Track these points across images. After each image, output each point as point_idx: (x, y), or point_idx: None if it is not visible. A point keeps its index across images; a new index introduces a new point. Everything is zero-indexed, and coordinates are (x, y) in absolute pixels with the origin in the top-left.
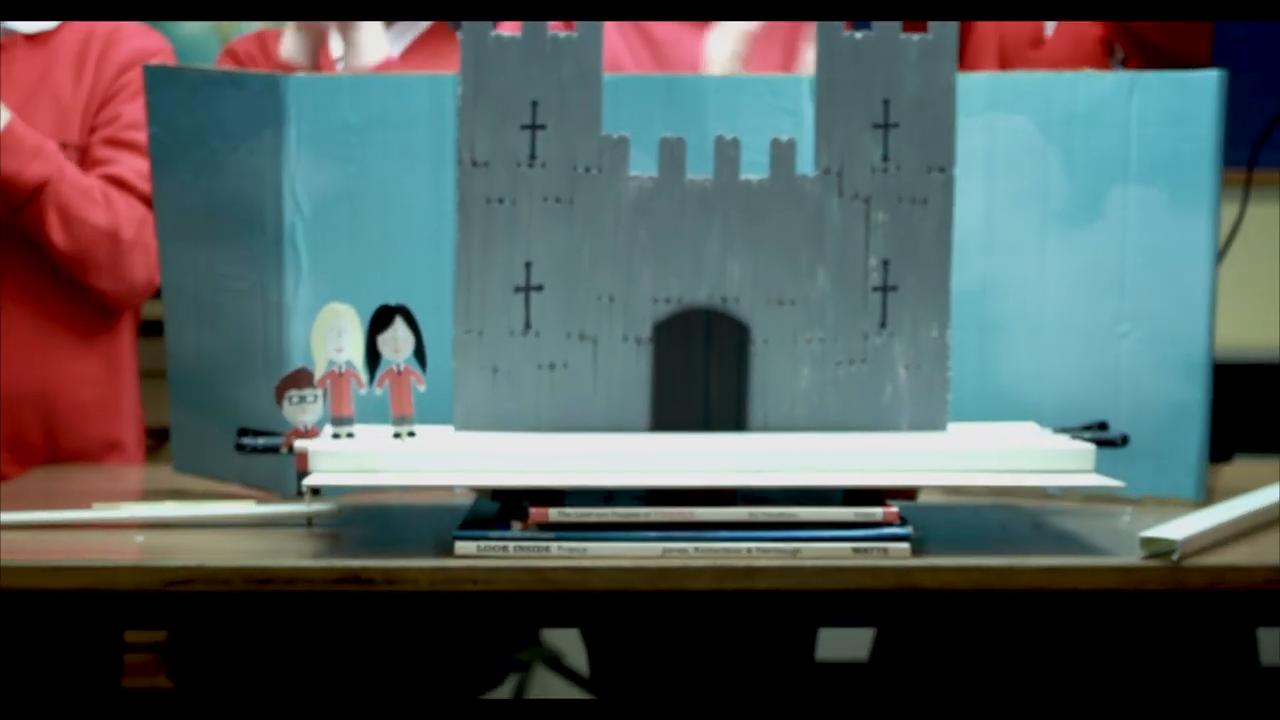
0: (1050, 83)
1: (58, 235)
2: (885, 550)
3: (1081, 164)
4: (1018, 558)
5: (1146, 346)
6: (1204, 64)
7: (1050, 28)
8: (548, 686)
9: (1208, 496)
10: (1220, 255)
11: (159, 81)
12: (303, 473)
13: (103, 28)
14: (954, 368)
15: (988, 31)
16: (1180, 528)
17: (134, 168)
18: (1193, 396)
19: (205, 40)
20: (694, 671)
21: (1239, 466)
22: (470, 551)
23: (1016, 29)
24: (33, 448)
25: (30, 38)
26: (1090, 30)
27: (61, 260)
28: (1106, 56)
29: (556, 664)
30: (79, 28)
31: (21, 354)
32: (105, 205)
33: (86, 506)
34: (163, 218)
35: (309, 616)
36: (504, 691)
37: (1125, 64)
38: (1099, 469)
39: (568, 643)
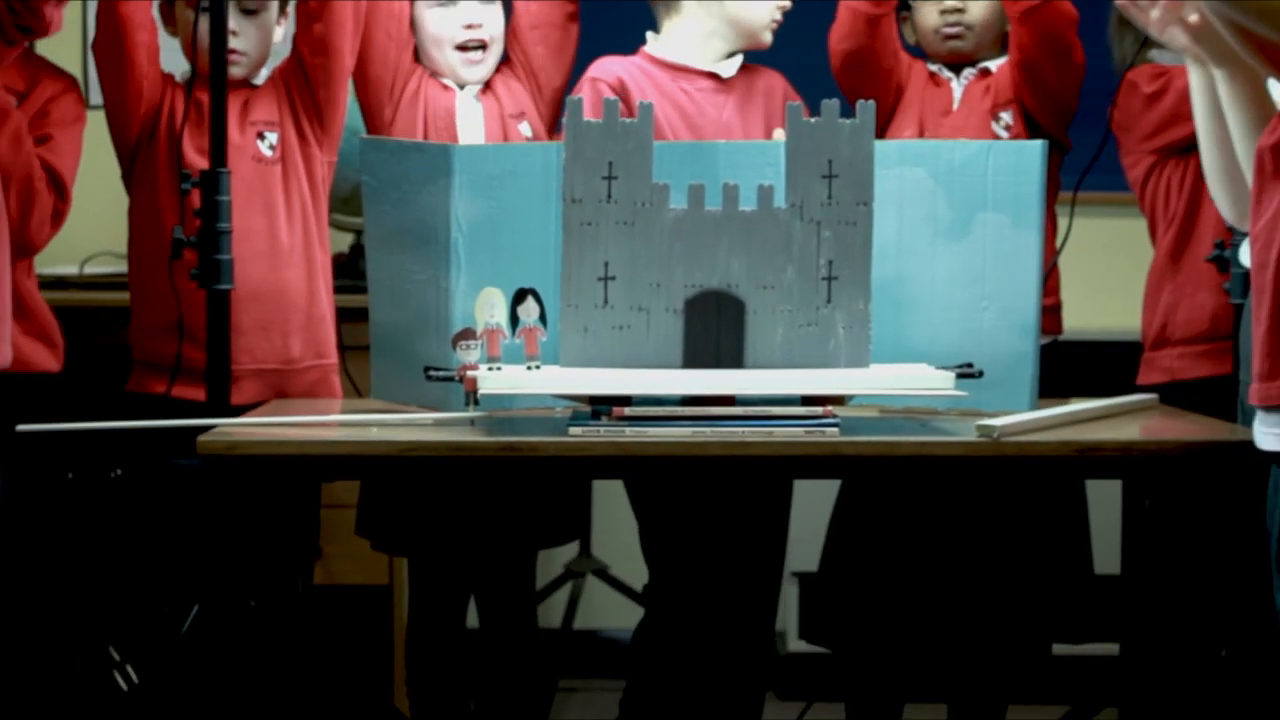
0: (939, 147)
1: None
2: (824, 432)
3: (958, 199)
4: (904, 437)
5: (998, 316)
6: (1073, 107)
7: (956, 101)
8: (596, 593)
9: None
10: (1058, 253)
11: (370, 147)
12: (470, 392)
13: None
14: (874, 330)
15: (911, 105)
16: (1003, 420)
17: None
18: (1027, 347)
19: None
20: (712, 508)
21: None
22: (578, 433)
23: (932, 103)
24: (287, 340)
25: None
26: (982, 104)
27: None
28: (992, 121)
29: (604, 575)
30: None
31: (297, 267)
32: None
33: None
34: (371, 234)
35: (483, 472)
36: (561, 598)
37: (1009, 129)
38: (961, 390)
39: (615, 556)
